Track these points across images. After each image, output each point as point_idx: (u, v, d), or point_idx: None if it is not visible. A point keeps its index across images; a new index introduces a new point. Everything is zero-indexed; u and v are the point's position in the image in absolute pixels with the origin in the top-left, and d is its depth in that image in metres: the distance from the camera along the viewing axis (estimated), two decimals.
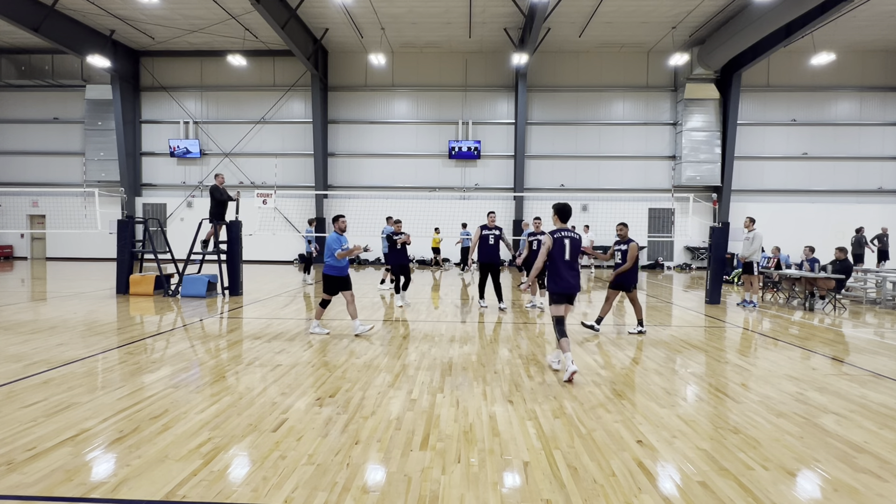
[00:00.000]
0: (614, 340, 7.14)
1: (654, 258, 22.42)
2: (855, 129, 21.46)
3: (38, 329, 7.33)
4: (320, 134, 21.43)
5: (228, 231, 11.33)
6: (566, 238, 5.46)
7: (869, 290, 11.89)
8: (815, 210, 21.45)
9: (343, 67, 22.33)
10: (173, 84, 22.71)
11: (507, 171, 22.13)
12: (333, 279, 7.17)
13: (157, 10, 18.13)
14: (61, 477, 3.01)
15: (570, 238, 5.48)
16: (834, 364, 6.00)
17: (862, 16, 17.60)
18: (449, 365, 5.67)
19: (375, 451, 3.43)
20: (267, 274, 16.99)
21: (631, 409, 4.30)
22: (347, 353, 6.18)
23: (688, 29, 19.32)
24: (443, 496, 2.86)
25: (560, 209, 5.59)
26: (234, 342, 6.75)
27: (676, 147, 21.71)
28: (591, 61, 21.83)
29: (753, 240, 10.62)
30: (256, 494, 2.84)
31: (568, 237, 5.48)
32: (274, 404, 4.30)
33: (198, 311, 9.15)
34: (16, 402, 4.27)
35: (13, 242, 23.60)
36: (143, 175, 23.09)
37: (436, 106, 22.24)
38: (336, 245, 7.05)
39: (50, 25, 17.48)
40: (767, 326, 8.56)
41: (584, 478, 3.09)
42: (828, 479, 3.14)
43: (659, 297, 12.68)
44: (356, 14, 18.42)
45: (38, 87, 22.71)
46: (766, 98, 21.59)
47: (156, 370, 5.30)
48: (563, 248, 5.44)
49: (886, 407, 4.47)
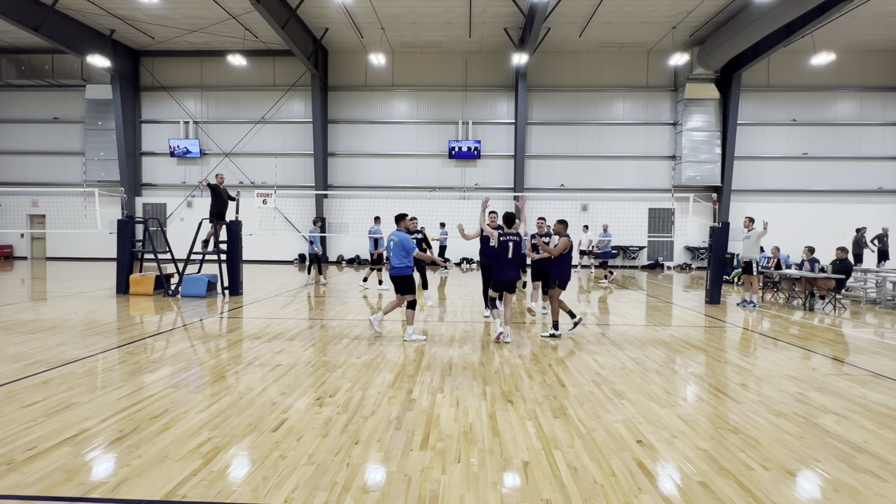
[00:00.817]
0: (614, 340, 7.14)
1: (655, 258, 22.43)
2: (855, 129, 21.46)
3: (38, 329, 7.33)
4: (320, 134, 21.43)
5: (228, 231, 11.34)
6: (510, 241, 6.77)
7: (869, 290, 11.89)
8: (815, 210, 21.45)
9: (343, 67, 22.33)
10: (173, 84, 22.71)
11: (507, 171, 22.13)
12: (409, 278, 6.97)
13: (157, 9, 18.12)
14: (61, 477, 3.01)
15: (513, 241, 6.78)
16: (834, 364, 6.00)
17: (862, 16, 17.59)
18: (449, 365, 5.67)
19: (375, 451, 3.43)
20: (267, 274, 16.99)
21: (631, 409, 4.30)
22: (347, 353, 6.18)
23: (688, 29, 19.32)
24: (443, 496, 2.86)
25: (506, 217, 6.88)
26: (234, 342, 6.75)
27: (676, 147, 21.71)
28: (591, 61, 21.83)
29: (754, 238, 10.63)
30: (256, 494, 2.84)
31: (511, 240, 6.78)
32: (274, 404, 4.30)
33: (198, 311, 9.15)
34: (16, 401, 4.27)
35: (13, 242, 23.60)
36: (143, 175, 23.09)
37: (436, 106, 22.24)
38: (411, 244, 6.87)
39: (50, 25, 17.48)
40: (767, 326, 8.56)
41: (584, 478, 3.09)
42: (828, 479, 3.14)
43: (659, 297, 12.68)
44: (356, 14, 18.42)
45: (38, 86, 22.71)
46: (766, 98, 21.59)
47: (156, 370, 5.30)
48: (506, 249, 6.76)
49: (886, 407, 4.47)
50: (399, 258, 6.85)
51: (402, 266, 6.88)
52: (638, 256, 22.44)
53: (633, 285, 15.31)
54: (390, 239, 6.95)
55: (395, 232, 7.01)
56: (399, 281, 6.95)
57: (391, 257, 6.92)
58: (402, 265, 6.88)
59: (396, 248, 6.85)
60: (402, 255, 6.85)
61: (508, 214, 6.90)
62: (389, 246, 6.93)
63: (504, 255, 6.76)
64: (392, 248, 6.88)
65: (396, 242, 6.86)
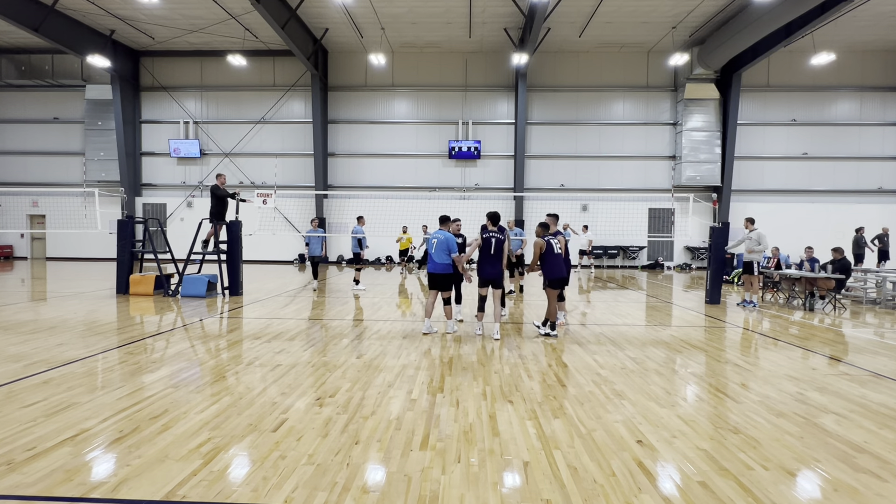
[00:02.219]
0: (614, 340, 7.14)
1: (655, 258, 22.44)
2: (855, 129, 21.46)
3: (38, 329, 7.33)
4: (320, 134, 21.43)
5: (228, 231, 11.33)
6: (493, 238, 7.03)
7: (869, 290, 11.89)
8: (815, 210, 21.45)
9: (343, 67, 22.34)
10: (173, 84, 22.71)
11: (507, 171, 22.13)
12: (448, 276, 7.26)
13: (157, 9, 18.13)
14: (61, 477, 3.00)
15: (495, 238, 7.03)
16: (834, 364, 6.00)
17: (862, 16, 17.60)
18: (449, 365, 5.67)
19: (375, 451, 3.42)
20: (267, 274, 16.99)
21: (631, 409, 4.30)
22: (347, 353, 6.18)
23: (688, 29, 19.33)
24: (443, 496, 2.86)
25: (491, 216, 7.20)
26: (234, 342, 6.75)
27: (676, 147, 21.71)
28: (591, 61, 21.84)
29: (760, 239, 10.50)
30: (256, 494, 2.84)
31: (494, 237, 7.03)
32: (274, 404, 4.30)
33: (198, 311, 9.15)
34: (16, 402, 4.27)
35: (13, 242, 23.60)
36: (143, 175, 23.10)
37: (436, 106, 22.24)
38: (454, 245, 7.17)
39: (50, 25, 17.48)
40: (767, 326, 8.56)
41: (584, 478, 3.09)
42: (828, 479, 3.14)
43: (659, 297, 12.68)
44: (356, 14, 18.42)
45: (38, 87, 22.72)
46: (766, 98, 21.59)
47: (156, 370, 5.30)
48: (490, 245, 7.03)
49: (886, 407, 4.47)
50: (441, 256, 7.16)
51: (444, 264, 7.18)
52: (638, 256, 22.44)
53: (633, 285, 15.31)
54: (435, 237, 7.22)
55: (440, 231, 7.32)
56: (439, 278, 7.26)
57: (433, 254, 7.20)
58: (444, 263, 7.18)
59: (440, 246, 7.15)
60: (444, 254, 7.15)
61: (492, 213, 7.25)
62: (432, 244, 7.20)
63: (487, 252, 7.03)
64: (435, 247, 7.18)
65: (441, 241, 7.16)
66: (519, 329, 7.85)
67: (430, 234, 7.44)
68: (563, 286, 7.24)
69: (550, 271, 7.08)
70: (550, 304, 7.20)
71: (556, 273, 7.07)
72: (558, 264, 7.08)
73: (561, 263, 7.12)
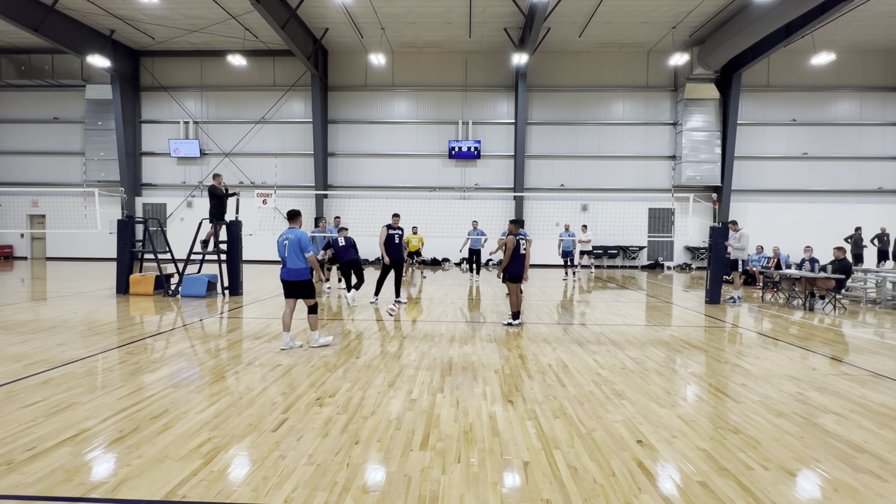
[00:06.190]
0: (614, 340, 7.15)
1: (655, 258, 22.43)
2: (855, 129, 21.45)
3: (38, 329, 7.33)
4: (320, 134, 21.42)
5: (228, 231, 11.33)
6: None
7: (869, 290, 11.89)
8: (815, 210, 21.44)
9: (343, 67, 22.33)
10: (173, 84, 22.70)
11: (507, 171, 22.12)
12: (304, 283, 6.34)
13: (157, 9, 18.12)
14: (61, 477, 3.01)
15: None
16: (834, 364, 6.00)
17: (862, 16, 17.59)
18: (449, 365, 5.67)
19: (375, 451, 3.43)
20: (267, 274, 16.99)
21: (631, 409, 4.30)
22: (347, 353, 6.18)
23: (688, 29, 19.32)
24: (443, 496, 2.86)
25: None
26: (234, 342, 6.75)
27: (676, 147, 21.71)
28: (591, 61, 21.83)
29: (741, 238, 11.40)
30: (256, 494, 2.84)
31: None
32: (274, 404, 4.30)
33: (198, 311, 9.15)
34: (16, 401, 4.27)
35: (13, 242, 23.59)
36: (143, 175, 23.09)
37: (436, 106, 22.24)
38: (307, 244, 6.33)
39: (50, 25, 17.47)
40: (767, 326, 8.56)
41: (584, 478, 3.09)
42: (828, 479, 3.14)
43: (659, 297, 12.68)
44: (356, 14, 18.42)
45: (38, 87, 22.70)
46: (766, 98, 21.59)
47: (156, 370, 5.30)
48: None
49: (886, 407, 4.47)
50: (295, 261, 6.22)
51: (298, 269, 6.27)
52: (638, 256, 22.44)
53: (633, 285, 15.31)
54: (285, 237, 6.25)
55: (290, 229, 6.30)
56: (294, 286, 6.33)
57: (286, 258, 6.24)
58: (298, 268, 6.27)
59: (292, 247, 6.20)
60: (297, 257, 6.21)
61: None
62: (284, 246, 6.24)
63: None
64: (287, 249, 6.22)
65: (292, 241, 6.20)
66: (519, 329, 7.85)
67: (280, 235, 6.31)
68: (520, 282, 8.18)
69: (513, 269, 8.03)
70: (512, 296, 8.10)
71: (517, 270, 8.06)
72: (521, 263, 8.10)
73: (522, 262, 8.12)
